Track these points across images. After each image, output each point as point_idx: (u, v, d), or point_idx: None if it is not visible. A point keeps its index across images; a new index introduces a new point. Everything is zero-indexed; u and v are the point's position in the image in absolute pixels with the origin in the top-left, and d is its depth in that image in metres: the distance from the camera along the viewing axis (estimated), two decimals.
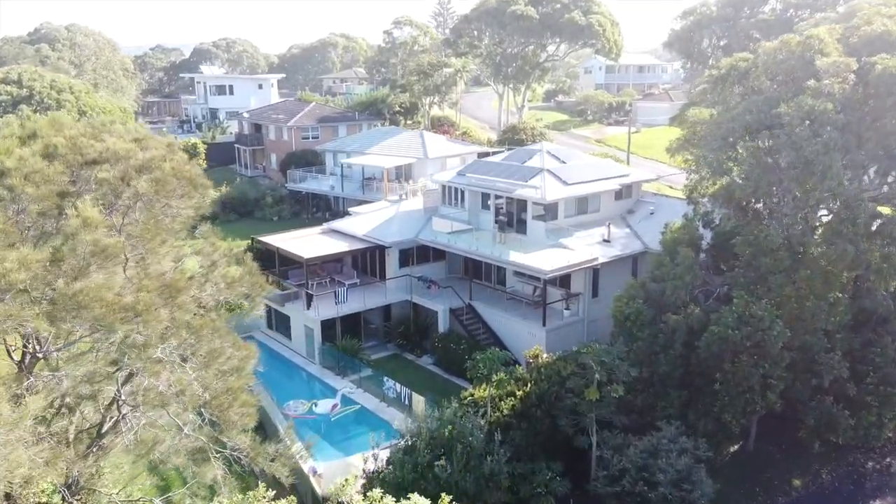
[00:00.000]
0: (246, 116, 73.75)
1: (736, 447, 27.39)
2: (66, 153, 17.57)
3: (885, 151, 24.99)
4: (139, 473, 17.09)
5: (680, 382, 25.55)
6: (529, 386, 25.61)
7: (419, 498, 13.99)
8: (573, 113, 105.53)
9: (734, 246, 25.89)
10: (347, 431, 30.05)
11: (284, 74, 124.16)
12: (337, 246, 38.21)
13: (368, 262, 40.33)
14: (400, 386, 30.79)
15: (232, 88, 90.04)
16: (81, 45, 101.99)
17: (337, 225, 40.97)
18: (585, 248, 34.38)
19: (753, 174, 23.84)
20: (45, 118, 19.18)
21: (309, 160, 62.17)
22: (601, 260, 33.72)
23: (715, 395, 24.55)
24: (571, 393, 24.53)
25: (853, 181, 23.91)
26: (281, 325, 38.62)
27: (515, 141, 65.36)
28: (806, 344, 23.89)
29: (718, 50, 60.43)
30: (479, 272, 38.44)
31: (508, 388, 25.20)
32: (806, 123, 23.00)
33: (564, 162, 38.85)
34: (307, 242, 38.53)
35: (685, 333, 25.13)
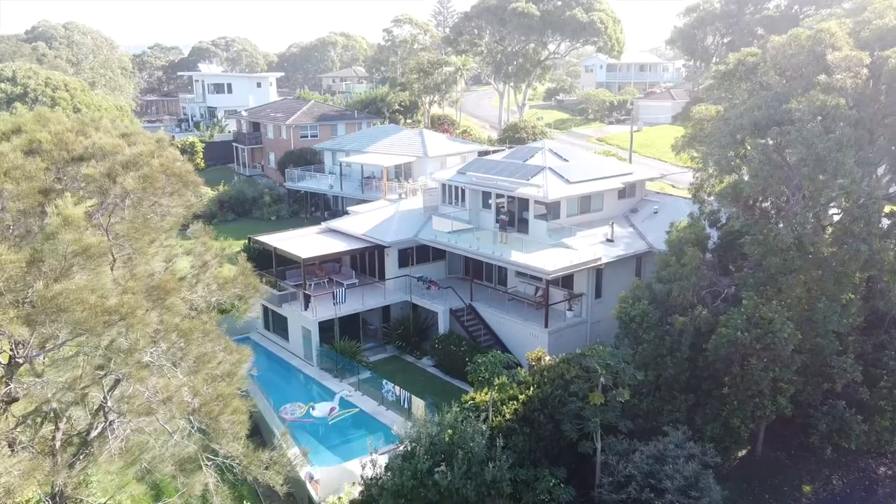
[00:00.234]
0: (244, 115, 73.09)
1: (744, 452, 26.69)
2: (50, 149, 16.87)
3: None
4: (128, 482, 16.37)
5: (686, 386, 24.86)
6: (532, 389, 24.92)
7: None
8: (574, 112, 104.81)
9: (742, 246, 25.20)
10: (345, 435, 29.37)
11: (283, 73, 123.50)
12: (335, 246, 37.54)
13: (367, 262, 39.65)
14: (399, 389, 30.10)
15: (230, 87, 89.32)
16: (79, 43, 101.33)
17: (335, 224, 40.29)
18: (588, 247, 33.69)
19: (762, 172, 23.14)
20: (30, 113, 18.47)
21: (307, 159, 61.52)
22: (604, 260, 33.05)
23: (723, 398, 23.87)
24: (575, 397, 23.83)
25: (864, 179, 23.17)
26: (278, 326, 37.94)
27: (516, 139, 64.71)
28: (817, 346, 23.19)
29: (722, 47, 59.67)
30: (479, 272, 37.75)
31: (510, 391, 24.51)
32: (818, 119, 22.31)
33: (567, 160, 38.16)
34: (305, 242, 37.86)
35: (692, 335, 24.44)
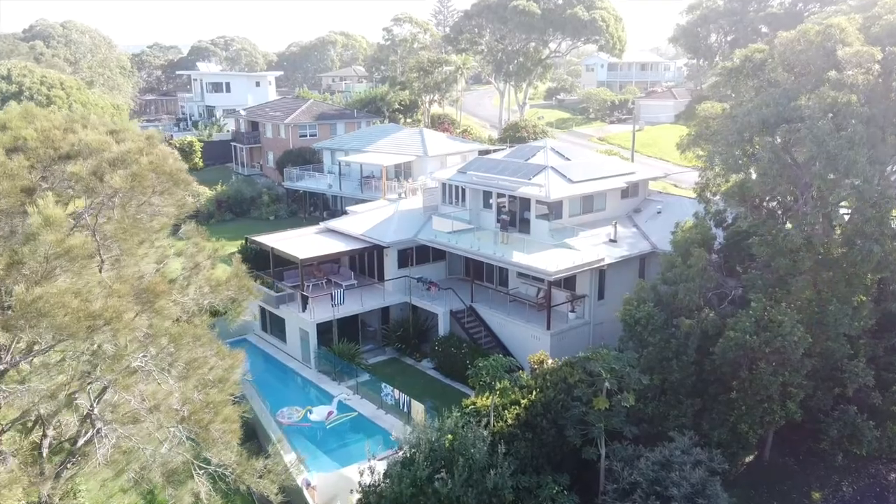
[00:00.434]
0: (243, 114, 72.50)
1: (751, 458, 26.06)
2: (36, 146, 16.28)
3: None
4: (115, 493, 15.78)
5: (693, 390, 24.23)
6: (534, 394, 24.30)
7: None
8: (575, 111, 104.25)
9: (749, 246, 24.58)
10: (343, 440, 28.79)
11: (282, 72, 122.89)
12: (334, 246, 36.94)
13: (366, 262, 39.04)
14: (398, 392, 29.50)
15: (229, 86, 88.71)
16: (77, 42, 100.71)
17: (334, 224, 39.68)
18: (591, 248, 33.08)
19: (771, 170, 22.51)
20: (16, 109, 17.85)
21: (306, 158, 60.94)
22: (608, 261, 32.44)
23: (730, 403, 23.24)
24: (579, 401, 23.23)
25: (876, 178, 22.55)
26: (275, 327, 37.34)
27: (517, 139, 64.11)
28: (827, 350, 22.57)
29: (725, 45, 59.04)
30: (480, 273, 37.13)
31: (512, 396, 23.88)
32: (829, 116, 21.68)
33: (569, 159, 37.55)
34: (303, 242, 37.26)
35: (698, 338, 23.82)
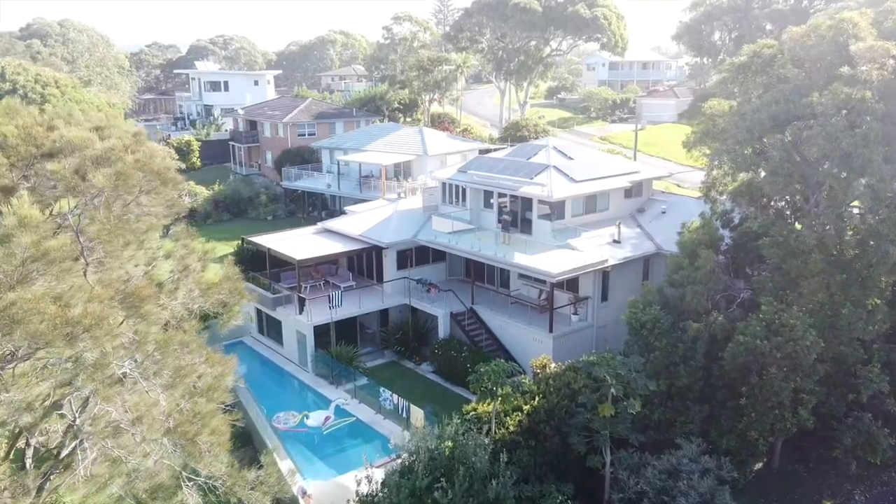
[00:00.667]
0: (241, 113, 71.76)
1: (760, 465, 25.35)
2: (17, 144, 15.57)
3: None
4: None
5: (700, 396, 23.53)
6: (537, 400, 23.57)
7: None
8: (576, 110, 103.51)
9: (759, 247, 23.87)
10: (341, 446, 28.03)
11: (281, 71, 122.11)
12: (331, 247, 36.21)
13: (365, 263, 38.29)
14: (397, 397, 28.75)
15: (227, 85, 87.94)
16: (74, 40, 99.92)
17: (332, 225, 38.95)
18: (594, 249, 32.35)
19: (782, 169, 21.78)
20: None
21: (305, 158, 60.24)
22: (611, 262, 31.71)
23: (739, 410, 22.52)
24: (583, 408, 22.50)
25: (891, 176, 21.79)
26: (272, 330, 36.61)
27: (518, 138, 63.38)
28: (840, 355, 21.85)
29: (730, 42, 58.27)
30: (481, 274, 36.40)
31: (514, 402, 23.15)
32: (843, 113, 20.96)
33: (572, 158, 36.83)
34: (300, 243, 36.53)
35: (707, 343, 23.11)
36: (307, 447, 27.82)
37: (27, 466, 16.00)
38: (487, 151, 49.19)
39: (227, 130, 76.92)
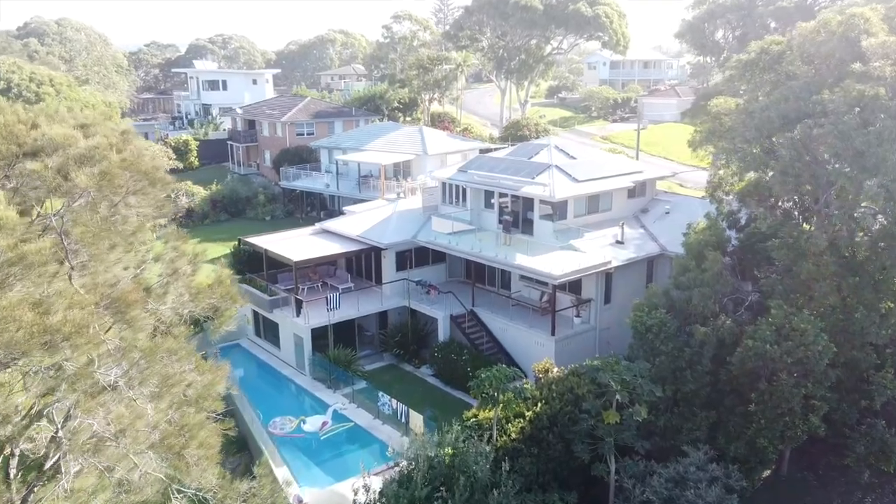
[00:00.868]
0: (239, 112, 71.05)
1: (767, 472, 24.69)
2: None
3: None
4: None
5: (707, 402, 22.87)
6: (540, 406, 22.93)
7: None
8: (577, 109, 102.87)
9: (766, 249, 23.22)
10: (338, 451, 27.43)
11: (280, 70, 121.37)
12: (329, 248, 35.59)
13: (363, 264, 37.64)
14: (396, 402, 28.11)
15: (225, 84, 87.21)
16: (72, 39, 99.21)
17: (330, 225, 38.31)
18: (597, 250, 31.70)
19: (793, 169, 21.12)
20: None
21: (303, 157, 59.54)
22: (615, 263, 31.06)
23: (748, 416, 21.86)
24: (587, 414, 21.85)
25: None
26: (269, 332, 35.99)
27: (518, 137, 62.72)
28: (853, 360, 21.20)
29: (733, 40, 57.58)
30: (482, 276, 35.76)
31: (516, 408, 22.51)
32: (855, 111, 20.31)
33: (574, 157, 36.19)
34: (297, 244, 35.91)
35: (714, 347, 22.46)
36: (304, 453, 27.22)
37: (11, 477, 15.38)
38: (488, 151, 48.55)
39: (225, 130, 76.20)
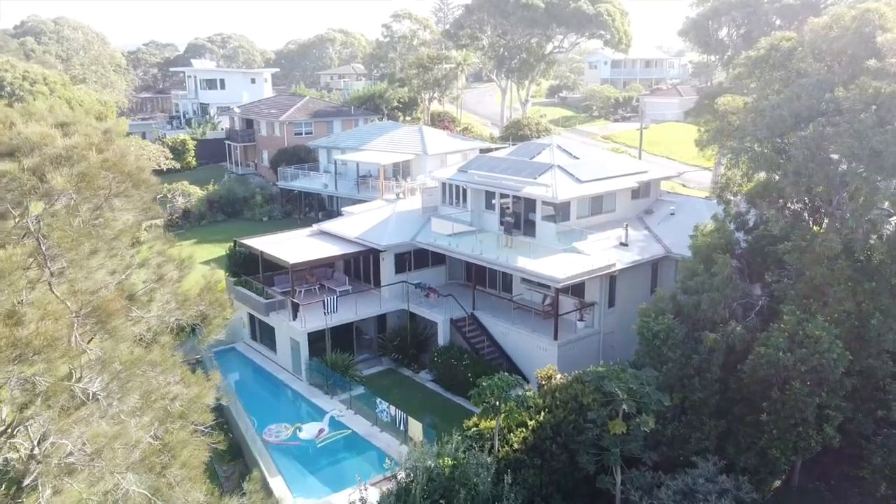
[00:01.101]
0: (237, 112, 70.29)
1: (778, 483, 23.92)
2: None
3: None
4: None
5: (716, 411, 22.08)
6: (543, 414, 22.15)
7: None
8: (578, 109, 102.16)
9: (777, 252, 22.43)
10: (335, 460, 26.63)
11: (279, 69, 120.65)
12: (327, 249, 34.80)
13: (361, 267, 36.85)
14: (395, 409, 27.32)
15: (223, 83, 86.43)
16: (69, 38, 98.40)
17: (327, 227, 37.52)
18: (601, 252, 30.90)
19: (806, 169, 20.34)
20: None
21: (302, 157, 58.79)
22: (619, 266, 30.27)
23: (759, 426, 21.06)
24: (593, 424, 21.06)
25: None
26: (265, 336, 35.22)
27: (519, 137, 61.95)
28: (869, 368, 20.43)
29: (738, 38, 56.80)
30: (482, 279, 34.97)
31: (518, 417, 21.72)
32: (871, 109, 19.54)
33: (577, 157, 35.40)
34: (294, 246, 35.11)
35: (723, 354, 21.68)
36: (299, 461, 26.45)
37: None
38: (488, 150, 47.78)
39: (222, 129, 75.49)
